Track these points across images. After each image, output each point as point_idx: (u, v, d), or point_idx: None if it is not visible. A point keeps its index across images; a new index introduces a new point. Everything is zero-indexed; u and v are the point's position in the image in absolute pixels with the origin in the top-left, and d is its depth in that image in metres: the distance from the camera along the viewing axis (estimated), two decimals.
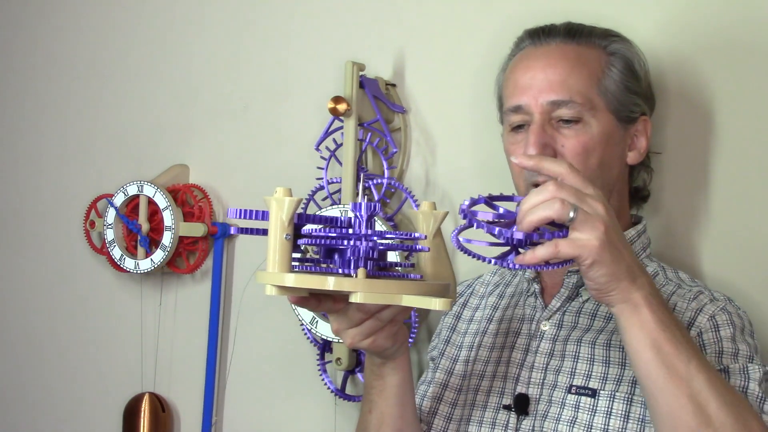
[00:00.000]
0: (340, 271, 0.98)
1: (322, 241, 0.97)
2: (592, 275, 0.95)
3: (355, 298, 0.94)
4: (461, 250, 0.98)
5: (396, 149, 1.62)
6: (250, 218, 0.96)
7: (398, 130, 1.66)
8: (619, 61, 1.26)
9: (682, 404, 0.95)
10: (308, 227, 1.00)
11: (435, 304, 0.94)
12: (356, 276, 0.96)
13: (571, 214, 0.93)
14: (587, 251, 0.93)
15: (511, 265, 0.95)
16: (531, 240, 0.94)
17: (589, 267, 0.94)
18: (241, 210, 0.96)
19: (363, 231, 0.96)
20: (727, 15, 1.40)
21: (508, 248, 0.98)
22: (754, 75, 1.38)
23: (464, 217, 0.96)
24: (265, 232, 0.98)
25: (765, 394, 1.08)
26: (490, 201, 0.98)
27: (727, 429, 0.95)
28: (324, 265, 1.00)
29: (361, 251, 0.96)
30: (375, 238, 0.97)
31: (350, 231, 0.98)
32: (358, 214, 0.97)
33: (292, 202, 0.94)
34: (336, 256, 0.99)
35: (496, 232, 0.94)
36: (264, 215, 0.96)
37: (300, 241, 0.97)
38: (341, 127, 1.59)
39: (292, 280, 0.95)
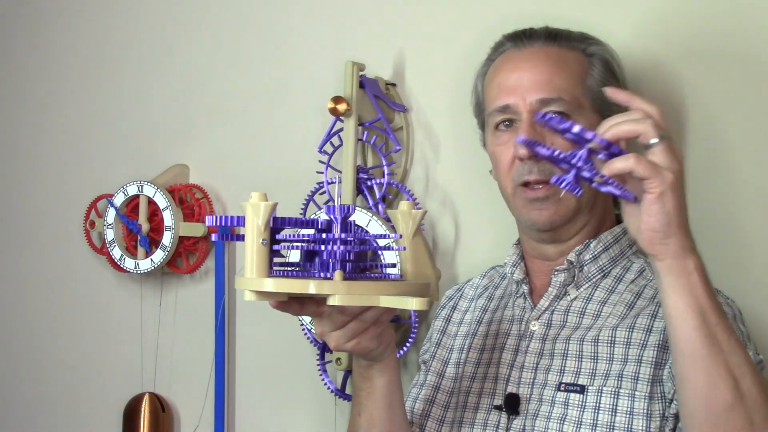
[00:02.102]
0: (319, 274, 0.97)
1: (299, 245, 0.97)
2: (656, 209, 0.92)
3: (333, 301, 0.94)
4: (534, 151, 0.96)
5: (399, 147, 1.62)
6: (227, 224, 0.95)
7: (400, 129, 1.66)
8: (599, 63, 1.27)
9: (722, 377, 0.94)
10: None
11: (412, 303, 0.94)
12: (333, 279, 0.95)
13: (655, 139, 0.92)
14: (660, 177, 0.91)
15: (568, 182, 0.93)
16: (608, 152, 0.91)
17: (657, 197, 0.92)
18: (217, 216, 0.96)
19: (338, 233, 0.96)
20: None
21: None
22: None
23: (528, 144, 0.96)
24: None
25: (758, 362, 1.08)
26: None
27: (758, 407, 0.94)
28: (302, 269, 1.00)
29: (338, 254, 0.96)
30: (350, 239, 0.96)
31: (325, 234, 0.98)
32: (332, 216, 0.97)
33: (268, 207, 0.94)
34: (316, 259, 0.99)
35: (574, 130, 0.91)
36: (240, 220, 0.95)
37: (276, 246, 0.97)
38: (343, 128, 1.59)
39: (269, 285, 0.94)
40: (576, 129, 0.92)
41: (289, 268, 1.01)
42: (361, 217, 1.55)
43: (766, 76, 1.36)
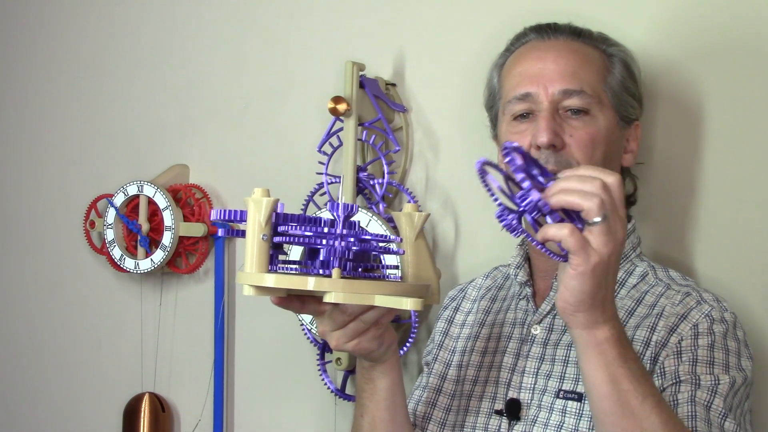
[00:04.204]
0: (319, 272, 0.97)
1: (298, 242, 0.97)
2: (574, 285, 0.91)
3: (329, 298, 0.95)
4: (482, 181, 0.91)
5: (399, 147, 1.62)
6: (230, 219, 0.96)
7: (399, 129, 1.66)
8: (619, 63, 1.27)
9: None
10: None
11: (406, 303, 0.94)
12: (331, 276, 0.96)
13: (597, 219, 0.90)
14: (585, 259, 0.90)
15: (511, 224, 0.90)
16: (542, 212, 0.90)
17: (576, 274, 0.91)
18: (221, 210, 0.96)
19: (339, 231, 0.96)
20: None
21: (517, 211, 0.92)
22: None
23: (480, 174, 0.90)
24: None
25: (728, 410, 1.07)
26: (528, 155, 0.92)
27: None
28: (302, 266, 1.00)
29: (337, 251, 0.96)
30: (350, 236, 0.96)
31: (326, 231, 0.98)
32: (335, 214, 0.97)
33: (269, 203, 0.94)
34: (319, 257, 0.99)
35: (517, 197, 0.90)
36: (243, 215, 0.96)
37: (276, 239, 0.97)
38: (343, 128, 1.59)
39: (268, 280, 0.95)
40: (525, 185, 0.90)
41: (289, 265, 1.01)
42: (361, 217, 1.55)
43: None
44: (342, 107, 1.54)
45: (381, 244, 1.01)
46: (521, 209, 0.90)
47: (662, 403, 0.96)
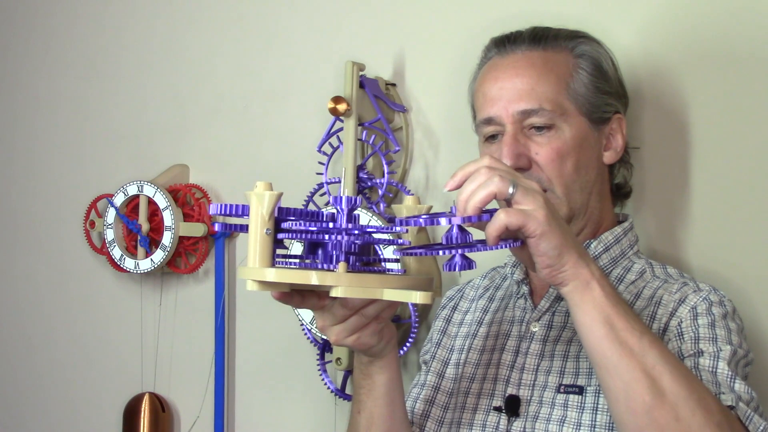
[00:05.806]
0: (322, 266, 0.97)
1: (303, 236, 0.96)
2: (544, 248, 0.94)
3: (335, 293, 0.94)
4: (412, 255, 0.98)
5: (398, 147, 1.62)
6: (231, 213, 0.95)
7: (399, 129, 1.66)
8: (587, 63, 1.26)
9: (636, 378, 0.94)
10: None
11: (415, 297, 0.93)
12: (337, 270, 0.95)
13: (511, 189, 0.93)
14: (534, 221, 0.93)
15: (458, 264, 0.94)
16: (476, 221, 0.94)
17: (539, 238, 0.93)
18: (222, 205, 0.95)
19: (343, 225, 0.95)
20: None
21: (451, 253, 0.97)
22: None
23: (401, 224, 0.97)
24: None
25: (736, 374, 1.07)
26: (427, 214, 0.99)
27: (681, 402, 0.94)
28: (306, 260, 0.99)
29: (343, 245, 0.96)
30: (355, 231, 0.95)
31: (330, 225, 0.97)
32: (338, 208, 0.96)
33: (272, 197, 0.93)
34: (319, 251, 0.98)
35: (443, 221, 0.94)
36: (245, 210, 0.95)
37: (280, 236, 0.96)
38: (343, 128, 1.59)
39: (273, 275, 0.94)
40: (443, 222, 0.95)
41: (292, 259, 1.01)
42: (361, 217, 1.55)
43: None
44: (342, 107, 1.54)
45: (386, 236, 1.00)
46: (456, 242, 0.95)
47: (659, 341, 0.97)
